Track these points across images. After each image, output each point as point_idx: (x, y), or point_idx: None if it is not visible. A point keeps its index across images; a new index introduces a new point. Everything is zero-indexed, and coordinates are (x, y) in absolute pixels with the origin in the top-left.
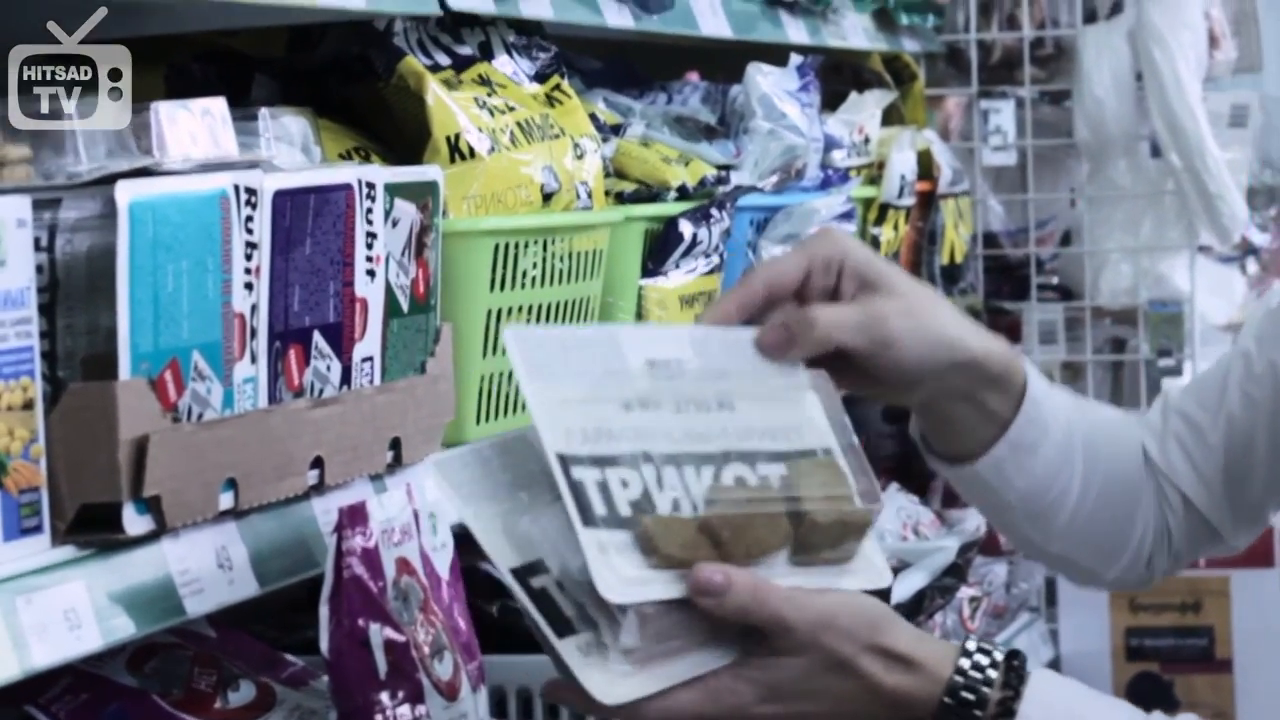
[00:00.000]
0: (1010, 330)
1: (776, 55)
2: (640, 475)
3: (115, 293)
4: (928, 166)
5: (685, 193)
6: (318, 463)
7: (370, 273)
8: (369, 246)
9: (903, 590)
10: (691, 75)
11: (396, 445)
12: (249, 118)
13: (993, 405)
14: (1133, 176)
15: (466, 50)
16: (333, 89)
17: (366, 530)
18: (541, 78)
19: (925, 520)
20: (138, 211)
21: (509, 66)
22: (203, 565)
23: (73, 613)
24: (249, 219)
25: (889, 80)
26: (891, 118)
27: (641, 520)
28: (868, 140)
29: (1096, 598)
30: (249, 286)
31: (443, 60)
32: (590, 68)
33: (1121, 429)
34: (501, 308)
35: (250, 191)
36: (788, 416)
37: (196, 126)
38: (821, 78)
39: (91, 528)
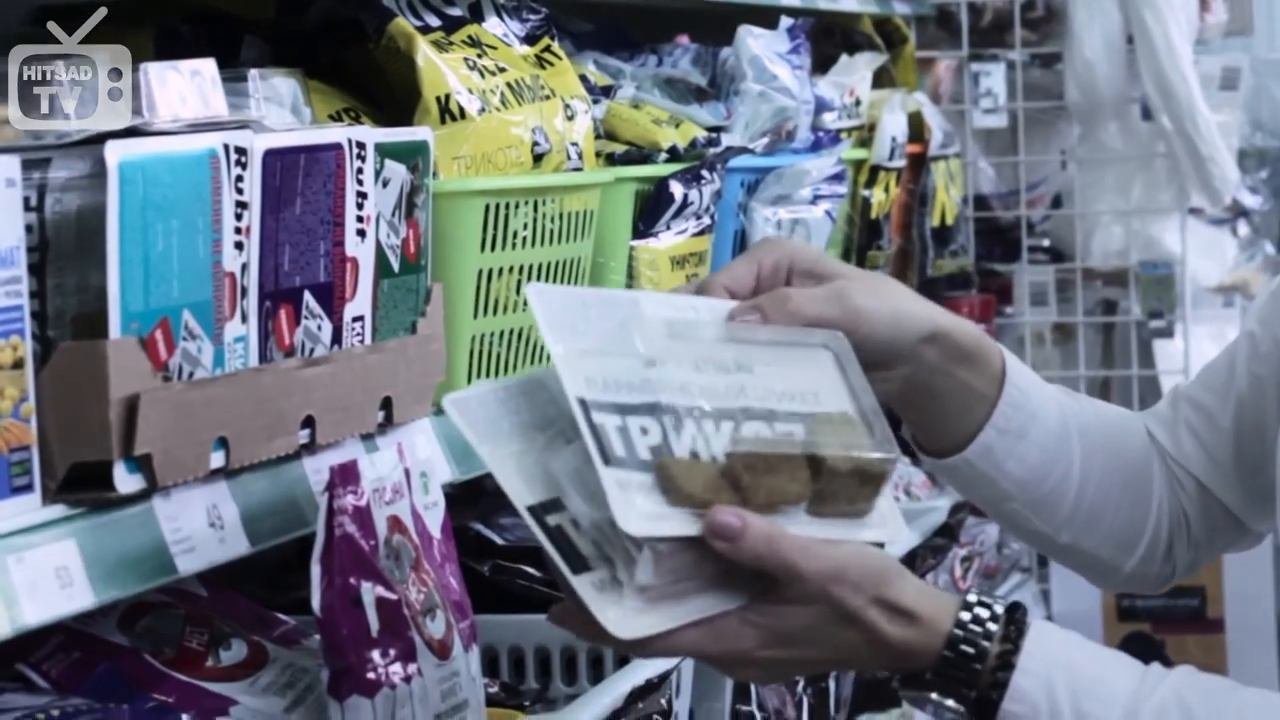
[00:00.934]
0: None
1: (767, 17)
2: (660, 423)
3: (105, 252)
4: (919, 129)
5: (676, 154)
6: (309, 422)
7: (361, 233)
8: (359, 206)
9: (894, 551)
10: (682, 38)
11: (388, 405)
12: (238, 79)
13: (972, 382)
14: (1124, 139)
15: (456, 11)
16: (322, 50)
17: (358, 489)
18: (532, 39)
19: (917, 481)
20: (127, 171)
21: (499, 28)
22: (194, 524)
23: (64, 571)
24: (239, 178)
25: (879, 43)
26: (882, 80)
27: (662, 459)
28: (858, 102)
29: None
30: (239, 246)
31: (433, 21)
32: (580, 30)
33: (1122, 419)
34: (492, 268)
35: (240, 151)
36: (806, 381)
37: (186, 87)
38: (812, 40)
39: (82, 486)
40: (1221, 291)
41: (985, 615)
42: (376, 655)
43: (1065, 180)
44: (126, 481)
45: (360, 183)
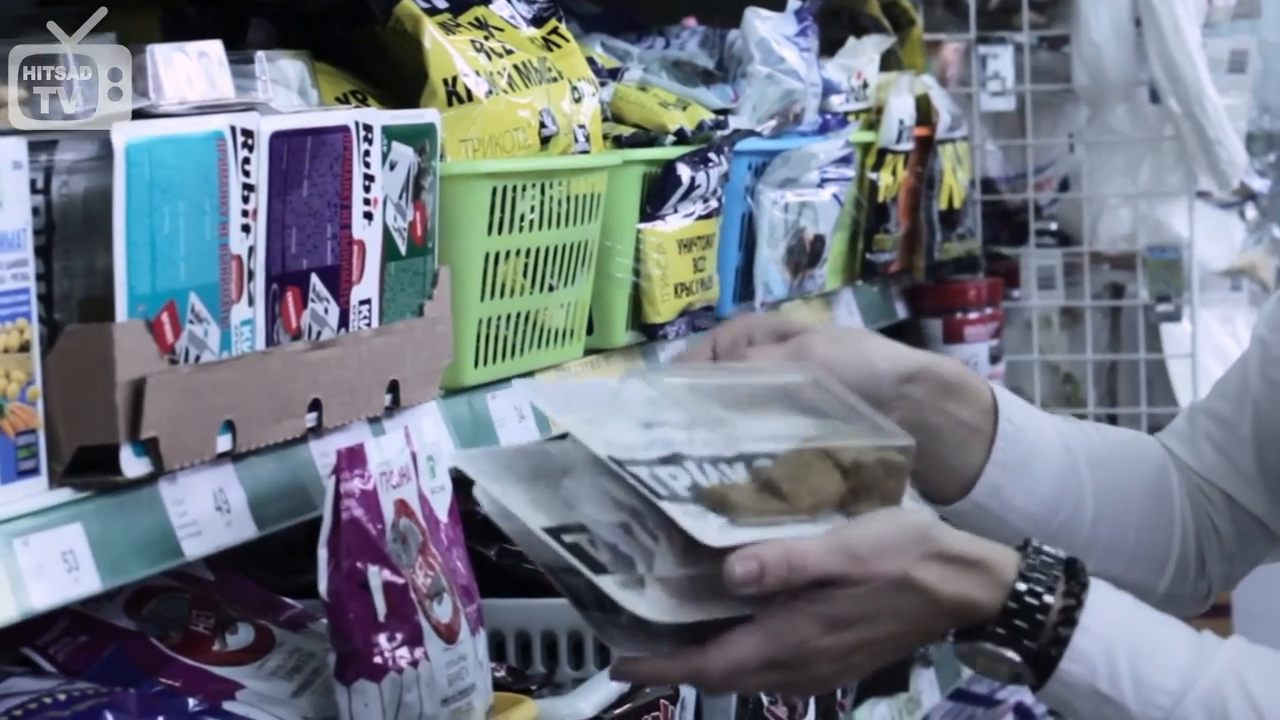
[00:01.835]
0: (1009, 276)
1: (774, 0)
2: (684, 469)
3: (112, 234)
4: (926, 111)
5: (683, 137)
6: (315, 405)
7: (368, 215)
8: (366, 189)
9: None
10: (689, 20)
11: (395, 388)
12: (245, 61)
13: (963, 416)
14: (1131, 122)
15: None
16: (329, 32)
17: (365, 473)
18: (539, 21)
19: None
20: (134, 153)
21: (506, 10)
22: (201, 508)
23: (70, 555)
24: (246, 161)
25: (887, 25)
26: (889, 63)
27: (706, 487)
28: (866, 85)
29: None
30: (246, 229)
31: (440, 3)
32: (588, 12)
33: (1131, 441)
34: (499, 251)
35: (247, 133)
36: (794, 419)
37: (193, 69)
38: (819, 23)
39: (89, 470)
40: (1229, 275)
41: (1050, 561)
42: (383, 639)
43: (1073, 163)
44: (133, 465)
45: (367, 165)
